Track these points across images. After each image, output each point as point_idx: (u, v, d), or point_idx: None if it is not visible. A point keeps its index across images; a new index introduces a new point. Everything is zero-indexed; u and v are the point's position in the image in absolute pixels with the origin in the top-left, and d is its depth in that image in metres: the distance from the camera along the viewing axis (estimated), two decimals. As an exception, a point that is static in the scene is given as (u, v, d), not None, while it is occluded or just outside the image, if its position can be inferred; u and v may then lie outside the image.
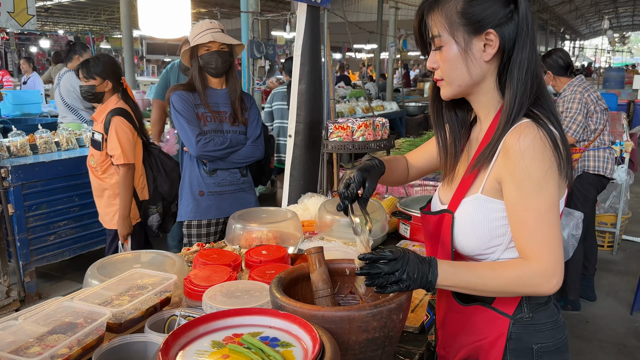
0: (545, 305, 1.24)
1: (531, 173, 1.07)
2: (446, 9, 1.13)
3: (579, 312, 3.76)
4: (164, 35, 1.89)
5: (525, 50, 1.12)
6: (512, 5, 1.12)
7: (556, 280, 1.07)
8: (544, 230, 1.07)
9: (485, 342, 1.23)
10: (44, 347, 1.10)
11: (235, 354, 0.95)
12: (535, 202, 1.07)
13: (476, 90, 1.19)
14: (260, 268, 1.51)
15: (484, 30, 1.11)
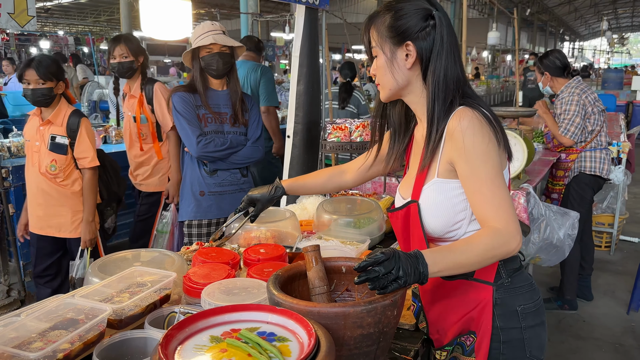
0: (520, 270, 1.39)
1: (476, 147, 1.22)
2: (378, 24, 1.31)
3: (576, 312, 3.78)
4: (165, 37, 1.92)
5: (441, 59, 1.27)
6: (431, 21, 1.28)
7: (519, 236, 1.20)
8: (497, 195, 1.21)
9: (475, 312, 1.35)
10: (46, 342, 1.13)
11: (232, 348, 0.97)
12: (484, 171, 1.22)
13: (406, 92, 1.36)
14: (258, 266, 1.53)
15: (404, 42, 1.28)
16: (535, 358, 1.38)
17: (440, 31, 1.27)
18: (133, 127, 3.38)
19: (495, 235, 1.19)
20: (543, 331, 1.40)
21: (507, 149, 1.31)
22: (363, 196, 2.67)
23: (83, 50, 20.65)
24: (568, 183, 3.67)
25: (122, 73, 3.32)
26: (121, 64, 3.25)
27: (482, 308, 1.34)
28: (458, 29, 6.19)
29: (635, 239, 5.34)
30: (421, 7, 1.28)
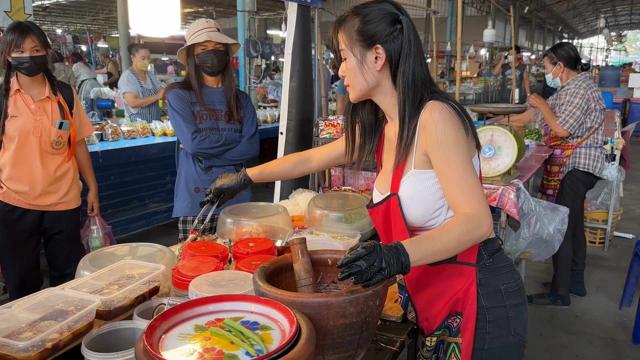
0: (499, 251, 1.45)
1: (447, 136, 1.28)
2: (347, 28, 1.37)
3: (568, 307, 3.81)
4: (154, 34, 1.94)
5: (408, 61, 1.34)
6: (399, 25, 1.34)
7: (490, 220, 1.27)
8: (468, 181, 1.27)
9: (460, 293, 1.41)
10: (36, 332, 1.15)
11: (216, 336, 1.00)
12: (455, 159, 1.28)
13: (376, 93, 1.42)
14: (246, 259, 1.56)
15: (373, 45, 1.34)
16: (519, 336, 1.44)
17: (408, 35, 1.35)
18: (51, 135, 2.78)
19: (468, 220, 1.24)
20: (525, 310, 1.47)
21: (475, 139, 1.39)
22: (355, 192, 2.69)
23: (81, 48, 20.63)
24: (562, 179, 3.69)
25: (34, 70, 2.70)
26: (34, 58, 2.65)
27: (467, 288, 1.40)
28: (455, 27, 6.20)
29: (630, 235, 5.37)
30: (388, 11, 1.35)
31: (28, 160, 2.77)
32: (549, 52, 3.73)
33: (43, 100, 2.76)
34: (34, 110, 2.72)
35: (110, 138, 4.66)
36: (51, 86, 2.81)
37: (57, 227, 2.93)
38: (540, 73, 22.68)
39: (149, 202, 4.75)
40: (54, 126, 2.77)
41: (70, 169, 2.92)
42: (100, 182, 4.22)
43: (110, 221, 4.34)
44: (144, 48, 5.45)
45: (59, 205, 2.90)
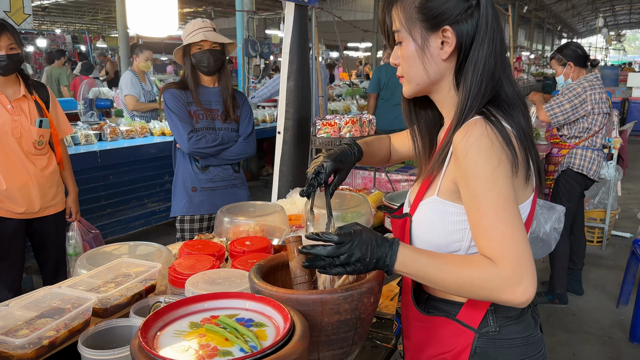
0: (517, 320, 1.15)
1: (477, 170, 1.00)
2: (405, 3, 1.10)
3: (566, 306, 3.82)
4: (151, 34, 1.95)
5: (482, 49, 1.06)
6: (473, 2, 1.07)
7: (523, 288, 0.95)
8: (501, 230, 0.98)
9: (449, 355, 1.16)
10: (32, 329, 1.16)
11: (211, 333, 1.00)
12: (486, 200, 0.99)
13: (435, 89, 1.15)
14: (243, 258, 1.57)
15: (440, 27, 1.07)
16: None
17: (486, 13, 1.06)
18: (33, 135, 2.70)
19: (487, 274, 0.97)
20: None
21: (531, 177, 1.08)
22: (353, 191, 2.70)
23: (80, 48, 20.63)
24: (557, 177, 3.70)
25: (10, 69, 2.62)
26: (10, 56, 2.58)
27: (458, 354, 1.15)
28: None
29: (627, 234, 5.38)
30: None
31: (12, 164, 2.65)
32: (555, 54, 3.72)
33: (19, 100, 2.68)
34: (10, 110, 2.63)
35: (108, 138, 4.67)
36: (26, 85, 2.73)
37: (46, 231, 2.88)
38: (539, 72, 22.70)
39: (148, 202, 4.76)
40: (33, 125, 2.69)
41: (56, 171, 2.86)
42: (99, 182, 4.25)
43: (108, 220, 4.36)
44: (148, 49, 5.45)
45: (47, 209, 2.83)
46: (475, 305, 1.14)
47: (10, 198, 2.68)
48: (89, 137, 4.46)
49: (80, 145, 4.36)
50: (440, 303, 1.21)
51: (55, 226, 2.91)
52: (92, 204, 4.21)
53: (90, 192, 4.16)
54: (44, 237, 2.90)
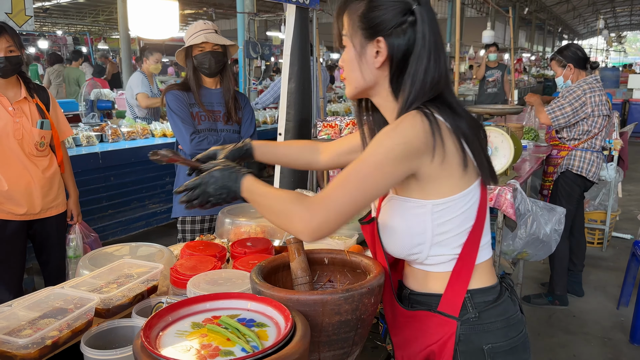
0: (495, 303, 1.21)
1: (381, 136, 1.09)
2: (352, 11, 1.17)
3: (566, 307, 3.82)
4: (152, 36, 1.96)
5: (421, 64, 1.12)
6: (410, 17, 1.12)
7: (311, 228, 1.07)
8: (342, 185, 1.07)
9: (436, 346, 1.20)
10: (35, 329, 1.17)
11: (213, 333, 1.01)
12: (368, 157, 1.08)
13: (373, 93, 1.22)
14: (244, 258, 1.58)
15: (375, 37, 1.14)
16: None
17: (422, 29, 1.12)
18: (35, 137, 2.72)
19: (295, 206, 1.10)
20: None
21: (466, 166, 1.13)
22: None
23: (81, 49, 20.68)
24: (556, 179, 3.71)
25: (9, 71, 2.63)
26: (9, 59, 2.58)
27: (444, 343, 1.19)
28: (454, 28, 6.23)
29: (628, 236, 5.38)
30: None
31: (13, 165, 2.66)
32: (555, 55, 3.71)
33: (20, 102, 2.69)
34: (12, 112, 2.64)
35: (110, 139, 4.68)
36: (27, 88, 2.74)
37: (47, 232, 2.88)
38: (540, 74, 22.72)
39: (149, 203, 4.77)
40: (34, 127, 2.71)
41: (57, 172, 2.87)
42: (100, 183, 4.26)
43: (110, 222, 4.37)
44: (158, 52, 5.50)
45: (49, 210, 2.83)
46: (453, 294, 1.19)
47: (11, 199, 2.68)
48: (90, 138, 4.47)
49: (81, 147, 4.38)
50: (421, 297, 1.26)
51: (57, 228, 2.92)
52: (94, 205, 4.22)
53: (91, 194, 4.17)
54: (45, 238, 2.90)
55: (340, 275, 1.42)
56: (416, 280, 1.27)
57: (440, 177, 1.12)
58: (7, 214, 2.70)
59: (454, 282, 1.19)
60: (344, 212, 1.08)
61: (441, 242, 1.17)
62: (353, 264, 1.37)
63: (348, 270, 1.40)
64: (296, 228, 1.10)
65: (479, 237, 1.19)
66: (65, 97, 8.77)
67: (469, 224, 1.17)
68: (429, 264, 1.21)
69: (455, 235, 1.17)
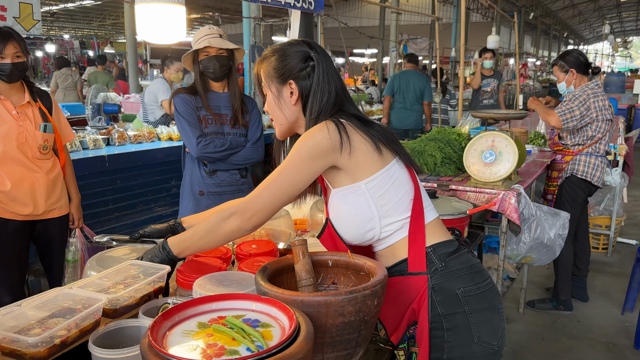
0: (455, 254, 1.42)
1: (298, 144, 1.34)
2: (265, 65, 1.46)
3: (571, 312, 3.82)
4: (160, 41, 1.99)
5: (322, 92, 1.41)
6: (311, 62, 1.42)
7: (249, 216, 1.34)
8: (268, 185, 1.34)
9: (415, 302, 1.38)
10: (44, 329, 1.19)
11: (218, 333, 1.03)
12: (286, 162, 1.34)
13: (297, 126, 1.48)
14: (249, 260, 1.59)
15: (287, 81, 1.43)
16: (485, 344, 1.37)
17: (319, 70, 1.41)
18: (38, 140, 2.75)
19: (219, 214, 1.36)
20: (496, 316, 1.41)
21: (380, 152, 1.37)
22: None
23: (88, 53, 20.83)
24: (560, 184, 3.71)
25: (15, 77, 2.65)
26: (15, 65, 2.61)
27: (420, 297, 1.37)
28: (458, 33, 6.28)
29: (633, 241, 5.37)
30: (301, 49, 1.43)
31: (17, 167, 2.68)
32: (557, 60, 3.71)
33: (24, 106, 2.71)
34: (15, 116, 2.66)
35: (116, 142, 4.71)
36: (30, 92, 2.77)
37: (51, 235, 2.90)
38: (545, 79, 22.68)
39: (155, 206, 4.79)
40: (38, 130, 2.74)
41: (60, 175, 2.90)
42: (107, 186, 4.29)
43: (116, 224, 4.39)
44: (178, 61, 5.46)
45: (52, 212, 2.86)
46: (415, 252, 1.39)
47: (15, 200, 2.71)
48: (97, 141, 4.50)
49: (88, 150, 4.41)
50: (392, 269, 1.42)
51: (60, 230, 2.95)
52: (100, 208, 4.24)
53: (98, 196, 4.20)
54: (48, 240, 2.93)
55: (344, 277, 1.44)
56: (385, 258, 1.44)
57: (359, 163, 1.35)
58: (10, 213, 2.72)
59: (413, 242, 1.39)
60: (269, 206, 1.35)
61: (387, 212, 1.37)
62: (357, 267, 1.38)
63: (352, 272, 1.42)
64: (237, 228, 1.35)
65: (420, 201, 1.41)
66: (76, 101, 8.83)
67: (403, 191, 1.39)
68: (386, 235, 1.40)
69: (396, 203, 1.38)
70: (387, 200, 1.37)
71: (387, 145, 1.40)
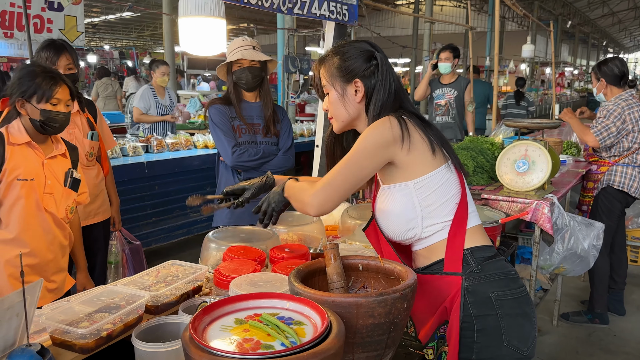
0: (492, 259, 1.45)
1: (364, 134, 1.41)
2: (328, 65, 1.52)
3: (607, 326, 3.74)
4: (201, 53, 2.06)
5: (380, 93, 1.48)
6: (374, 61, 1.49)
7: (316, 203, 1.41)
8: (338, 171, 1.40)
9: (447, 301, 1.42)
10: (92, 322, 1.27)
11: (254, 328, 1.09)
12: (355, 148, 1.40)
13: (357, 122, 1.55)
14: (282, 263, 1.65)
15: (352, 80, 1.49)
16: (514, 348, 1.39)
17: (382, 69, 1.48)
18: (85, 147, 2.86)
19: (306, 190, 1.45)
20: (527, 323, 1.42)
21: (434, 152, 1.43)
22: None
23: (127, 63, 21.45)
24: (596, 195, 3.65)
25: None
26: (67, 76, 2.51)
27: (453, 297, 1.41)
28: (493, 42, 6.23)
29: (674, 255, 5.20)
30: (364, 49, 1.50)
31: None
32: (595, 67, 3.71)
33: (73, 115, 2.78)
34: None
35: (155, 150, 4.87)
36: (79, 102, 2.85)
37: (95, 237, 3.00)
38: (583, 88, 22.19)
39: (190, 212, 4.92)
40: (86, 138, 2.86)
41: (103, 180, 3.02)
42: (145, 192, 4.43)
43: (153, 229, 4.53)
44: (165, 64, 5.58)
45: (96, 217, 2.97)
46: (452, 253, 1.43)
47: None
48: (136, 149, 4.67)
49: (128, 157, 4.57)
50: (427, 269, 1.47)
51: (103, 233, 3.07)
52: (139, 213, 4.39)
53: (137, 201, 4.35)
54: (92, 243, 3.04)
55: (374, 281, 1.47)
56: (422, 257, 1.49)
57: (414, 161, 1.41)
58: None
59: (451, 243, 1.42)
60: (340, 191, 1.41)
61: (430, 213, 1.43)
62: (387, 271, 1.42)
63: (382, 276, 1.45)
64: (305, 204, 1.44)
65: (466, 205, 1.46)
66: (116, 110, 9.13)
67: (449, 195, 1.43)
68: (426, 236, 1.45)
69: (440, 205, 1.43)
70: (432, 201, 1.42)
71: (441, 147, 1.45)
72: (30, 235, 2.13)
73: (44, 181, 2.14)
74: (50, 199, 2.17)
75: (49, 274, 2.20)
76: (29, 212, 2.11)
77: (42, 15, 5.10)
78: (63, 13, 5.34)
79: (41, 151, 2.16)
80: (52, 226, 2.19)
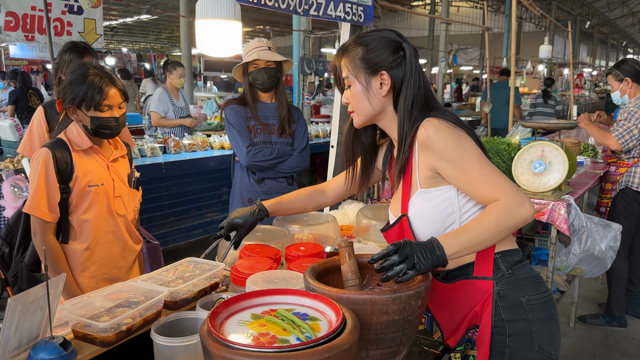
0: (521, 263, 1.43)
1: (449, 145, 1.32)
2: (351, 56, 1.42)
3: (625, 329, 3.69)
4: (218, 55, 2.10)
5: (410, 87, 1.39)
6: (401, 53, 1.40)
7: (528, 203, 1.28)
8: (489, 175, 1.30)
9: (478, 306, 1.40)
10: (112, 317, 1.30)
11: (270, 323, 1.11)
12: (466, 160, 1.31)
13: (380, 117, 1.46)
14: (297, 261, 1.67)
15: (378, 72, 1.39)
16: (544, 352, 1.39)
17: (410, 61, 1.39)
18: None
19: (504, 208, 1.26)
20: (554, 326, 1.42)
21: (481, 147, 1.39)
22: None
23: (145, 66, 21.71)
24: (615, 196, 3.61)
25: None
26: None
27: (484, 301, 1.39)
28: (510, 43, 6.20)
29: (695, 258, 5.11)
30: (391, 39, 1.41)
31: None
32: (612, 69, 3.64)
33: None
34: None
35: (172, 151, 4.94)
36: None
37: None
38: (602, 89, 21.88)
39: (207, 212, 4.98)
40: None
41: None
42: (163, 192, 4.49)
43: (170, 228, 4.59)
44: (181, 66, 5.53)
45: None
46: (483, 258, 1.40)
47: None
48: (154, 149, 4.73)
49: (146, 157, 4.64)
50: (456, 272, 1.44)
51: None
52: (156, 212, 4.45)
53: (155, 201, 4.41)
54: None
55: (389, 279, 1.49)
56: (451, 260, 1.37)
57: None
58: None
59: None
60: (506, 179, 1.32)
61: (467, 218, 1.39)
62: (401, 269, 1.43)
63: (397, 274, 1.46)
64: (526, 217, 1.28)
65: None
66: (134, 111, 9.24)
67: None
68: None
69: (477, 211, 1.39)
70: (470, 207, 1.40)
71: (480, 148, 1.40)
72: (103, 244, 2.09)
73: (112, 185, 2.10)
74: (120, 202, 2.13)
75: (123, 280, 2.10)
76: (101, 218, 2.07)
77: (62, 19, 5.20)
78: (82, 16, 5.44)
79: (104, 154, 2.11)
80: (124, 232, 2.16)
